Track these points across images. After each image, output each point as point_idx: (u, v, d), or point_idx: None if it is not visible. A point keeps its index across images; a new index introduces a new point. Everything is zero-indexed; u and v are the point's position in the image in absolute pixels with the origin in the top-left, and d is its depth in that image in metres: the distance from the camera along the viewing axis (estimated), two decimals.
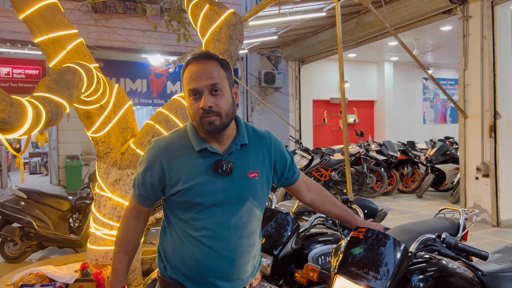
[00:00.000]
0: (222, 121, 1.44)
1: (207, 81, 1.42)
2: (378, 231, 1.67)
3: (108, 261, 3.47)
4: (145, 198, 1.55)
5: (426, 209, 7.57)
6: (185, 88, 1.47)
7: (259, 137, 1.61)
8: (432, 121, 14.67)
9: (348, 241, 1.65)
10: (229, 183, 1.48)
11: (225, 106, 1.45)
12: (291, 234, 2.20)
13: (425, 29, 8.39)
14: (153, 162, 1.49)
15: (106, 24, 11.02)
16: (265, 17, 6.41)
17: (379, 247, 1.61)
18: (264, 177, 1.57)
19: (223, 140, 1.51)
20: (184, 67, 1.49)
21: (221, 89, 1.44)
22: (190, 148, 1.49)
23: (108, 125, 3.52)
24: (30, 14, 3.28)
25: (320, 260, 2.21)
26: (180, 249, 1.49)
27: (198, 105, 1.42)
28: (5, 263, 4.99)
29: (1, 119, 2.12)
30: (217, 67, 1.46)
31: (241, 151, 1.53)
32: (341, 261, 1.61)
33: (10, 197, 5.11)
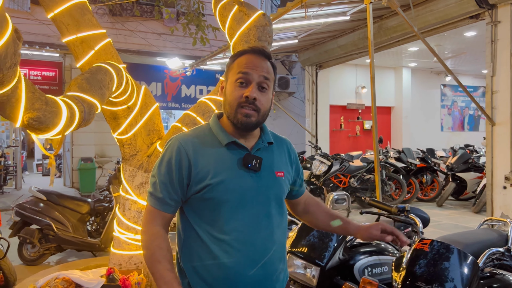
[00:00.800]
0: (258, 118, 1.40)
1: (261, 73, 1.40)
2: (442, 242, 1.54)
3: (132, 266, 3.38)
4: (172, 201, 1.41)
5: (448, 219, 7.38)
6: (234, 72, 1.42)
7: (280, 140, 1.60)
8: (450, 129, 14.45)
9: (411, 254, 1.53)
10: (257, 180, 1.41)
11: (266, 105, 1.42)
12: (338, 245, 2.08)
13: (448, 34, 8.24)
14: (178, 156, 1.39)
15: (123, 27, 11.05)
16: (288, 20, 6.33)
17: (446, 260, 1.48)
18: (287, 179, 1.52)
19: (249, 138, 1.47)
20: (238, 55, 1.45)
21: (268, 87, 1.43)
22: (216, 142, 1.43)
23: (135, 127, 3.44)
24: (59, 13, 3.22)
25: (366, 272, 2.09)
26: (206, 257, 1.37)
27: (243, 92, 1.38)
28: (23, 265, 4.93)
29: (36, 118, 2.04)
30: (270, 67, 1.45)
31: (267, 149, 1.49)
32: (405, 275, 1.49)
33: (29, 199, 5.06)
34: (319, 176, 7.93)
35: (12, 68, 1.73)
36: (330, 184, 8.11)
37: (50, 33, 9.73)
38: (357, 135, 13.03)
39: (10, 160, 10.78)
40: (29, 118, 2.03)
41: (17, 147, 10.99)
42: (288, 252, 2.20)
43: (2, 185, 10.03)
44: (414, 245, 1.55)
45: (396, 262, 1.61)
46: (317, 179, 8.00)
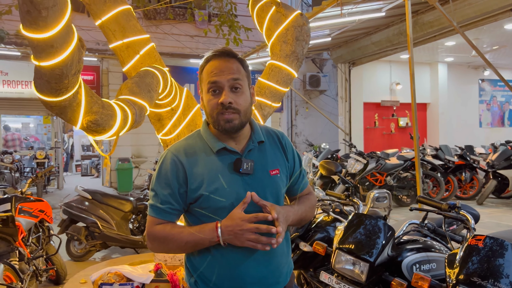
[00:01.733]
0: (241, 119, 1.40)
1: (229, 76, 1.39)
2: (496, 238, 1.55)
3: (176, 262, 3.49)
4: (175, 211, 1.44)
5: (490, 217, 7.18)
6: (204, 82, 1.44)
7: (273, 135, 1.57)
8: (489, 125, 13.98)
9: (465, 250, 1.54)
10: (251, 182, 1.42)
11: (244, 104, 1.41)
12: (386, 241, 2.10)
13: (487, 28, 7.99)
14: (174, 167, 1.43)
15: (157, 30, 11.32)
16: (323, 19, 6.32)
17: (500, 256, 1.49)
18: (284, 175, 1.52)
19: (239, 139, 1.47)
20: (204, 63, 1.46)
21: (242, 86, 1.41)
22: (207, 150, 1.45)
23: (178, 128, 3.55)
24: (106, 20, 3.36)
25: (415, 268, 2.10)
26: (210, 259, 1.41)
27: (217, 100, 1.39)
28: (71, 261, 5.16)
29: (94, 121, 2.17)
30: (238, 65, 1.44)
31: (259, 149, 1.49)
32: (459, 271, 1.50)
33: (76, 198, 5.29)
34: (354, 174, 7.88)
35: (76, 74, 1.85)
36: (366, 183, 8.04)
37: (88, 38, 10.11)
38: (392, 132, 12.81)
39: (53, 161, 11.26)
40: (88, 121, 2.15)
41: (59, 149, 11.46)
42: (336, 248, 2.23)
43: (46, 185, 10.49)
44: (467, 242, 1.56)
45: (449, 258, 1.62)
46: (353, 177, 7.95)
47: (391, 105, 12.63)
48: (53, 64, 1.66)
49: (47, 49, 1.60)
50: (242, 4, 9.22)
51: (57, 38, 1.58)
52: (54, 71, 1.69)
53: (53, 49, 1.61)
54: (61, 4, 1.54)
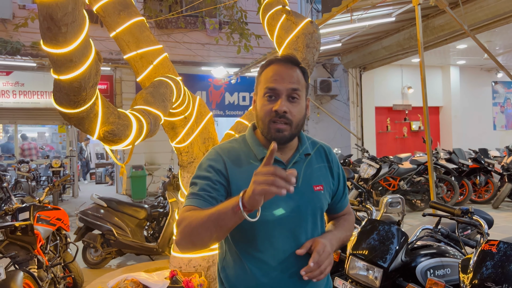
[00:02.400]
0: (291, 131, 1.35)
1: (289, 85, 1.34)
2: (509, 243, 1.55)
3: (191, 268, 3.53)
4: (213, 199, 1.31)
5: (506, 221, 7.08)
6: (262, 86, 1.38)
7: (320, 149, 1.50)
8: (504, 127, 13.79)
9: (478, 256, 1.55)
10: (292, 195, 1.31)
11: (298, 116, 1.36)
12: (400, 247, 2.11)
13: (499, 30, 7.93)
14: (218, 163, 1.37)
15: (169, 39, 11.47)
16: (333, 25, 6.36)
17: None
18: (327, 192, 1.44)
19: (285, 150, 1.41)
20: (265, 66, 1.40)
21: (299, 97, 1.36)
22: (251, 156, 1.39)
23: (192, 135, 3.60)
24: (120, 32, 3.44)
25: (429, 274, 2.10)
26: (244, 274, 1.35)
27: (272, 107, 1.33)
28: (87, 268, 5.23)
29: (111, 131, 2.22)
30: (300, 74, 1.38)
31: (305, 162, 1.43)
32: (473, 276, 1.51)
33: (91, 206, 5.37)
34: (367, 179, 7.85)
35: (94, 87, 1.91)
36: (379, 188, 8.00)
37: (102, 48, 10.28)
38: (404, 136, 12.73)
39: (68, 169, 11.43)
40: (104, 131, 2.21)
41: (74, 157, 11.64)
42: (350, 254, 2.25)
43: (61, 193, 10.65)
44: (480, 247, 1.56)
45: (462, 263, 1.63)
46: (365, 182, 7.92)
47: (403, 109, 12.56)
48: (72, 77, 1.72)
49: (67, 63, 1.66)
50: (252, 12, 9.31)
51: (76, 52, 1.64)
52: (73, 84, 1.76)
53: (72, 63, 1.67)
54: (80, 20, 1.60)
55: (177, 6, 11.13)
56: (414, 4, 4.09)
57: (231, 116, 12.28)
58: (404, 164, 8.18)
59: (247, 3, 10.45)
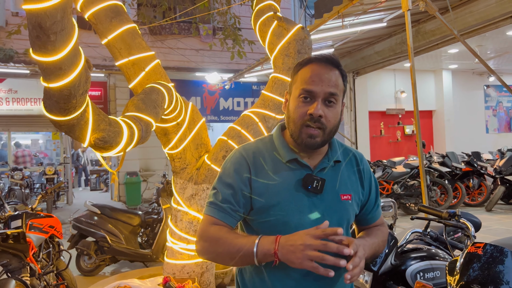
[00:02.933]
0: (324, 138, 1.28)
1: (327, 88, 1.26)
2: (495, 246, 1.57)
3: (185, 275, 3.53)
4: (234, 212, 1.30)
5: (499, 223, 7.13)
6: (297, 86, 1.30)
7: (351, 157, 1.42)
8: (496, 130, 13.91)
9: (465, 258, 1.57)
10: (318, 203, 1.28)
11: (333, 121, 1.29)
12: (389, 250, 2.13)
13: (490, 34, 8.03)
14: (240, 166, 1.32)
15: (162, 45, 11.50)
16: (325, 31, 6.41)
17: (500, 263, 1.51)
18: (355, 202, 1.37)
19: (314, 155, 1.34)
20: (303, 64, 1.32)
21: (336, 101, 1.29)
22: (277, 158, 1.33)
23: (184, 141, 3.61)
24: (112, 39, 3.45)
25: (419, 277, 2.12)
26: (261, 281, 1.29)
27: (307, 109, 1.26)
28: (80, 276, 5.21)
29: (101, 138, 2.23)
30: (339, 77, 1.30)
31: (334, 169, 1.35)
32: (459, 279, 1.53)
33: (85, 213, 5.36)
34: None
35: (84, 94, 1.92)
36: None
37: (95, 54, 10.29)
38: (398, 140, 12.80)
39: (62, 176, 11.38)
40: (95, 139, 2.22)
41: (68, 164, 11.60)
42: None
43: (55, 201, 10.60)
44: (467, 249, 1.59)
45: (449, 266, 1.65)
46: None
47: (397, 113, 12.64)
48: (62, 85, 1.73)
49: (56, 71, 1.67)
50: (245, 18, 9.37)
51: (65, 60, 1.65)
52: (63, 91, 1.77)
53: (61, 71, 1.68)
54: (69, 28, 1.61)
55: (171, 12, 11.17)
56: (403, 10, 4.14)
57: (226, 121, 12.31)
58: (397, 168, 8.23)
59: (240, 9, 10.52)
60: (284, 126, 1.41)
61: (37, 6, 1.45)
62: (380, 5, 5.64)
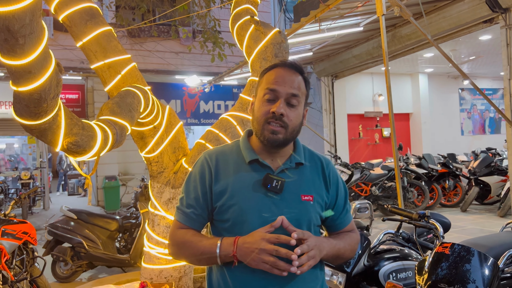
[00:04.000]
0: (286, 135, 1.33)
1: (289, 89, 1.33)
2: (462, 245, 1.62)
3: (162, 279, 3.50)
4: (198, 217, 1.38)
5: (473, 223, 7.30)
6: (262, 87, 1.38)
7: (317, 161, 1.46)
8: (471, 133, 14.28)
9: (433, 257, 1.61)
10: (278, 203, 1.32)
11: (295, 121, 1.35)
12: (362, 251, 2.16)
13: (463, 39, 8.25)
14: (203, 170, 1.39)
15: (141, 47, 11.39)
16: (303, 34, 6.47)
17: (467, 262, 1.56)
18: (318, 204, 1.38)
19: (277, 156, 1.39)
20: (268, 68, 1.40)
21: (298, 103, 1.35)
22: (240, 160, 1.39)
23: (161, 145, 3.59)
24: (87, 42, 3.41)
25: (391, 277, 2.16)
26: (224, 280, 1.33)
27: (270, 108, 1.32)
28: (56, 283, 5.10)
29: (74, 142, 2.20)
30: (302, 82, 1.38)
31: (296, 171, 1.39)
32: (427, 278, 1.57)
33: (61, 218, 5.25)
34: None
35: (55, 98, 1.89)
36: (351, 194, 8.13)
37: (73, 57, 10.12)
38: (376, 143, 13.00)
39: (38, 181, 11.14)
40: (68, 143, 2.19)
41: (44, 169, 11.36)
42: None
43: (31, 206, 10.36)
44: (435, 249, 1.62)
45: (419, 265, 1.68)
46: None
47: (375, 116, 12.84)
48: (31, 89, 1.70)
49: (25, 75, 1.65)
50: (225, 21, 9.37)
51: (35, 64, 1.63)
52: (33, 95, 1.74)
53: (31, 75, 1.66)
54: (38, 31, 1.59)
55: (150, 15, 11.09)
56: (378, 15, 4.22)
57: (206, 124, 12.26)
58: (375, 170, 8.35)
59: (220, 12, 10.52)
60: (251, 132, 1.46)
61: (5, 9, 1.43)
62: (356, 10, 5.73)
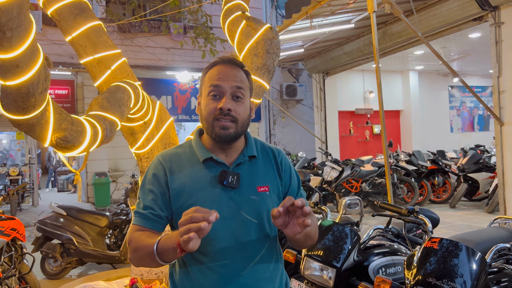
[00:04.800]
0: (236, 129, 1.35)
1: (233, 83, 1.35)
2: (451, 240, 1.64)
3: (153, 276, 3.49)
4: (156, 217, 1.34)
5: (462, 220, 7.39)
6: (206, 85, 1.38)
7: (268, 152, 1.48)
8: (460, 130, 14.42)
9: (422, 252, 1.62)
10: (235, 197, 1.34)
11: (243, 114, 1.36)
12: (352, 246, 2.17)
13: (453, 37, 8.31)
14: (157, 172, 1.38)
15: (132, 43, 11.30)
16: (294, 31, 6.47)
17: (455, 257, 1.57)
18: (275, 194, 1.41)
19: (230, 152, 1.40)
20: (209, 67, 1.41)
21: (243, 96, 1.37)
22: (194, 160, 1.39)
23: (152, 141, 3.57)
24: (77, 36, 3.37)
25: (381, 272, 2.18)
26: (187, 278, 1.34)
27: (216, 105, 1.33)
28: (46, 279, 5.07)
29: (63, 138, 2.18)
30: (243, 75, 1.40)
31: (250, 164, 1.41)
32: (416, 272, 1.58)
33: (50, 214, 5.21)
34: (330, 182, 8.01)
35: (43, 92, 1.87)
36: (342, 190, 8.17)
37: (62, 52, 10.01)
38: (366, 139, 13.07)
39: (27, 177, 11.03)
40: (57, 138, 2.17)
41: (33, 165, 11.24)
42: (305, 255, 2.30)
43: (20, 202, 10.26)
44: (424, 244, 1.64)
45: (408, 260, 1.70)
46: (329, 185, 8.08)
47: (365, 113, 12.90)
48: (19, 83, 1.68)
49: (13, 69, 1.62)
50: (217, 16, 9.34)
51: (22, 58, 1.61)
52: (20, 90, 1.72)
53: (18, 69, 1.63)
54: (26, 25, 1.57)
55: (141, 10, 10.99)
56: (369, 12, 4.23)
57: (197, 121, 12.21)
58: (366, 167, 8.40)
59: (211, 7, 10.46)
60: (201, 131, 1.47)
61: None
62: (347, 7, 5.74)
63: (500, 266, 1.72)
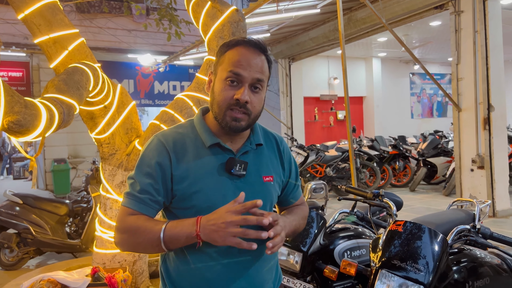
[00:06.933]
0: (248, 122, 1.27)
1: (255, 74, 1.25)
2: (414, 223, 1.66)
3: (116, 264, 3.40)
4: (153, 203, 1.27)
5: (421, 202, 7.67)
6: (224, 67, 1.26)
7: (271, 139, 1.45)
8: (420, 116, 14.90)
9: (387, 235, 1.64)
10: (241, 186, 1.28)
11: (258, 107, 1.29)
12: (318, 231, 2.18)
13: (415, 24, 8.50)
14: (160, 154, 1.27)
15: (91, 24, 10.84)
16: (260, 14, 6.39)
17: (418, 239, 1.60)
18: (277, 183, 1.38)
19: (236, 138, 1.34)
20: (230, 45, 1.29)
21: (262, 88, 1.28)
22: (199, 143, 1.30)
23: (113, 126, 3.45)
24: (30, 14, 3.18)
25: (346, 255, 2.21)
26: (187, 269, 1.28)
27: (233, 93, 1.24)
28: (1, 270, 4.86)
29: (16, 121, 2.05)
30: (266, 64, 1.29)
31: (256, 152, 1.36)
32: (381, 255, 1.60)
33: (5, 203, 4.97)
34: None
35: None
36: (307, 175, 8.27)
37: (16, 32, 9.46)
38: (331, 125, 13.27)
39: None
40: (9, 122, 2.03)
41: None
42: None
43: None
44: (389, 227, 1.66)
45: (373, 243, 1.72)
46: None
47: (330, 99, 13.07)
48: None
49: None
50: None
51: None
52: None
53: None
54: None
55: None
56: None
57: (161, 105, 11.95)
58: (330, 152, 8.53)
59: None
60: (205, 111, 1.39)
61: None
62: None
63: (460, 247, 1.78)
